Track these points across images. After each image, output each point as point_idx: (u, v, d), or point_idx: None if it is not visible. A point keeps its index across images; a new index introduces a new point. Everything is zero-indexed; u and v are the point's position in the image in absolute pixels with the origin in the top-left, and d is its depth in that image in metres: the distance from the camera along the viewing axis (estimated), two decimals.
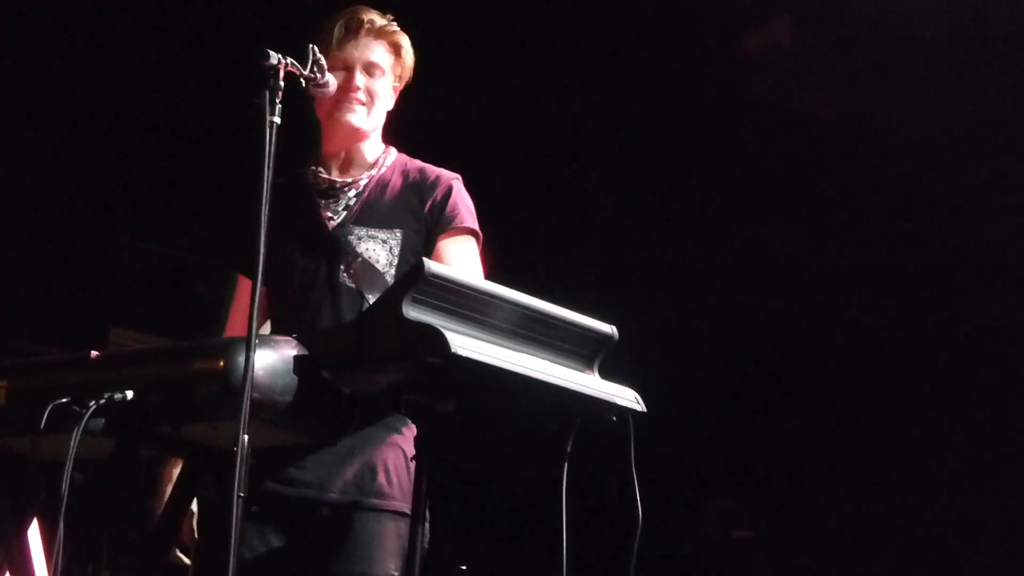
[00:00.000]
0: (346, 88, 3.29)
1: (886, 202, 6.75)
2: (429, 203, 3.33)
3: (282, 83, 2.78)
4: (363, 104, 3.34)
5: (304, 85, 3.00)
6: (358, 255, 3.25)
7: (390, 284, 3.18)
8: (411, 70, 3.46)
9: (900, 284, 7.07)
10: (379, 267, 3.25)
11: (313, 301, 3.24)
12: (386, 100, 3.41)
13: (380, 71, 3.36)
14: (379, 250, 3.27)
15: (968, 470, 7.45)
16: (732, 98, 6.44)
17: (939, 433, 7.64)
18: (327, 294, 3.24)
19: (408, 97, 3.51)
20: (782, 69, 6.30)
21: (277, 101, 2.76)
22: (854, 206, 6.85)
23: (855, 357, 7.80)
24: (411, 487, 3.12)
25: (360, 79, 3.32)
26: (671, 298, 7.33)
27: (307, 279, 3.25)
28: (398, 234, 3.29)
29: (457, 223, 3.32)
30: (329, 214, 3.34)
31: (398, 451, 3.20)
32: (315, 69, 2.98)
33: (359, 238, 3.28)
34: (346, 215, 3.33)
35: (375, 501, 3.14)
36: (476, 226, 3.36)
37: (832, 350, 7.74)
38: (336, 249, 3.27)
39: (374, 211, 3.33)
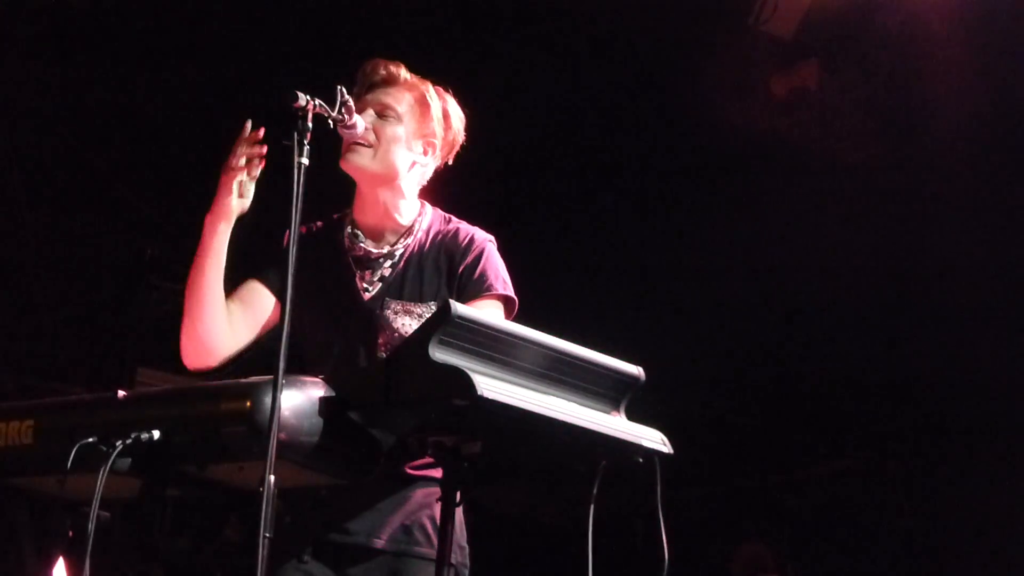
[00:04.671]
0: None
1: (926, 245, 6.68)
2: (461, 267, 3.31)
3: (310, 124, 2.79)
4: (369, 145, 3.27)
5: (332, 126, 3.01)
6: (395, 330, 3.25)
7: None
8: (454, 132, 3.42)
9: (937, 329, 7.00)
10: None
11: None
12: (401, 146, 3.32)
13: (394, 114, 3.31)
14: (414, 325, 3.22)
15: (1003, 516, 7.37)
16: (767, 144, 6.43)
17: (972, 479, 7.57)
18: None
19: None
20: (809, 113, 6.29)
21: (306, 142, 2.77)
22: (891, 251, 6.80)
23: (887, 402, 7.74)
24: (457, 537, 3.14)
25: (369, 118, 3.26)
26: (700, 340, 7.31)
27: (345, 354, 3.25)
28: (433, 307, 3.25)
29: (487, 289, 3.29)
30: (365, 285, 3.33)
31: None
32: (343, 111, 2.99)
33: (395, 313, 3.27)
34: (381, 287, 3.32)
35: (421, 550, 3.17)
36: (508, 291, 3.31)
37: (864, 395, 7.69)
38: (374, 324, 3.27)
39: (409, 283, 3.31)
